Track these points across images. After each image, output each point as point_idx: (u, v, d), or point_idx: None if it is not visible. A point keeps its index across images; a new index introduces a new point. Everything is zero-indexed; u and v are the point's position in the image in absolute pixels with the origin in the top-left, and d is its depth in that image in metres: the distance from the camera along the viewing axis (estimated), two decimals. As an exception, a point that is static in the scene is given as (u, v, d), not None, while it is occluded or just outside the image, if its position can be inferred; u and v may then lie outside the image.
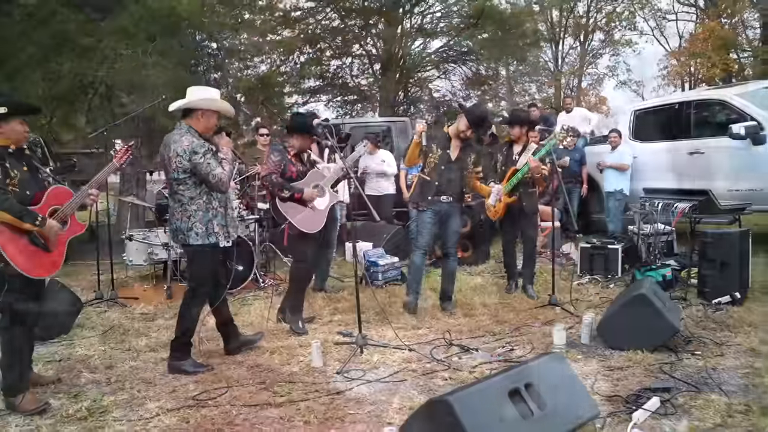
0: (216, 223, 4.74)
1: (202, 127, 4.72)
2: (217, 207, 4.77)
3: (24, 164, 4.11)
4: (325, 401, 4.05)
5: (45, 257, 4.03)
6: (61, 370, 4.85)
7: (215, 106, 4.78)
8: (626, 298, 4.93)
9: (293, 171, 5.78)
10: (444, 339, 5.26)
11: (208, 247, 4.72)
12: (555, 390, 3.26)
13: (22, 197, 3.98)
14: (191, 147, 4.56)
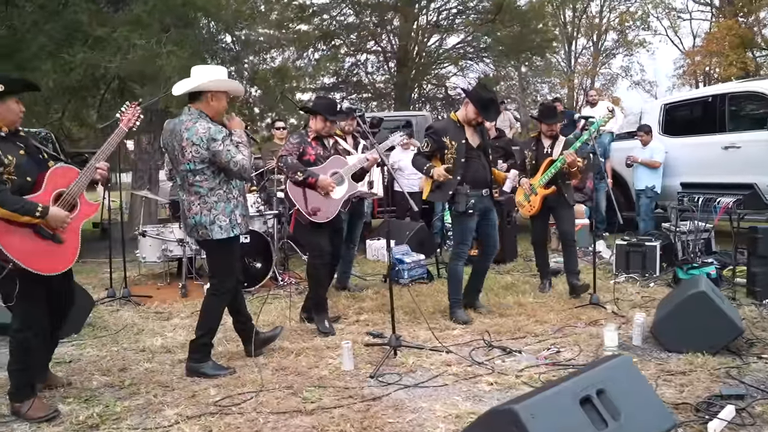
0: (238, 213, 4.36)
1: (214, 110, 4.31)
2: (237, 196, 4.39)
3: (21, 148, 3.65)
4: (361, 408, 3.67)
5: (57, 250, 3.63)
6: (71, 372, 4.50)
7: (225, 86, 4.37)
8: (683, 297, 4.51)
9: (311, 154, 5.43)
10: (483, 340, 4.87)
11: (234, 240, 4.36)
12: (628, 397, 2.87)
13: (22, 185, 3.57)
14: (209, 134, 4.14)
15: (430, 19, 19.74)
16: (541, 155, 6.55)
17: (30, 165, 3.65)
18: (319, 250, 5.41)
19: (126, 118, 4.16)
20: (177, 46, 8.95)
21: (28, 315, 3.70)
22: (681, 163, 9.57)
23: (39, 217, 3.50)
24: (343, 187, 5.51)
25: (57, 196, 3.66)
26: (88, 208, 3.86)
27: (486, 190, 5.63)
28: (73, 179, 3.73)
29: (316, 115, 5.51)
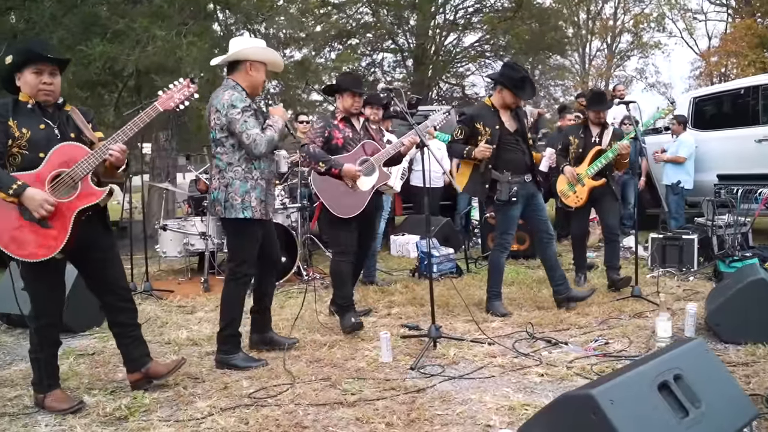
0: (254, 196, 4.09)
1: (250, 82, 4.12)
2: (258, 178, 4.12)
3: (47, 122, 3.40)
4: (406, 400, 3.44)
5: (40, 234, 3.29)
6: (95, 365, 4.31)
7: (263, 55, 4.17)
8: (741, 284, 4.26)
9: (339, 138, 5.00)
10: (526, 332, 4.63)
11: (246, 221, 4.10)
12: (706, 384, 2.62)
13: (32, 160, 3.30)
14: (230, 100, 3.97)
15: (448, 18, 19.52)
16: (589, 144, 6.25)
17: (47, 141, 3.37)
18: (344, 247, 5.02)
19: (168, 95, 3.70)
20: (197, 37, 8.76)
21: (36, 302, 3.48)
22: (713, 157, 9.29)
23: (12, 195, 3.18)
24: (373, 177, 5.03)
25: (55, 176, 3.34)
26: (90, 194, 3.41)
27: (528, 175, 5.35)
28: (79, 159, 3.37)
29: (342, 92, 5.05)
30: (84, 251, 3.51)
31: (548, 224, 5.51)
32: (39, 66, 3.34)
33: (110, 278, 3.67)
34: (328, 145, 4.97)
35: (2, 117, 3.27)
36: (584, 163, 6.20)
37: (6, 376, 4.09)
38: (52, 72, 3.39)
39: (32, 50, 3.38)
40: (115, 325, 3.75)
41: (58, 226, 3.32)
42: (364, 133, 5.19)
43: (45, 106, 3.42)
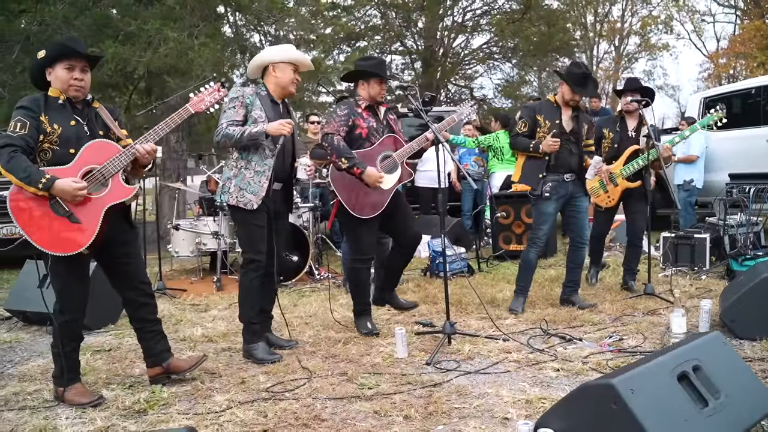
0: (234, 183, 4.16)
1: (275, 82, 4.21)
2: (242, 168, 4.15)
3: (77, 119, 3.44)
4: (423, 394, 3.46)
5: (70, 229, 3.33)
6: (112, 360, 4.34)
7: (285, 56, 4.22)
8: (755, 280, 4.26)
9: (363, 128, 4.68)
10: (540, 328, 4.65)
11: (235, 208, 4.19)
12: (724, 375, 2.64)
13: (62, 155, 3.35)
14: (232, 92, 4.13)
15: (456, 20, 19.53)
16: (626, 139, 5.92)
17: (78, 137, 3.41)
18: (363, 249, 4.79)
19: (200, 97, 3.79)
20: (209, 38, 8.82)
21: (62, 296, 3.50)
22: (724, 157, 9.28)
23: (43, 189, 3.22)
24: (395, 174, 4.77)
25: (86, 172, 3.38)
26: (121, 191, 3.46)
27: (570, 174, 5.28)
28: (110, 156, 3.43)
29: (368, 79, 4.69)
30: (109, 247, 3.55)
31: (583, 231, 5.46)
32: (71, 62, 3.39)
33: (132, 274, 3.70)
34: (350, 135, 4.69)
35: (34, 113, 3.31)
36: (619, 161, 5.88)
37: (25, 372, 4.12)
38: (83, 68, 3.44)
39: (66, 45, 3.42)
40: (137, 321, 3.79)
41: (87, 221, 3.36)
42: (386, 124, 4.90)
43: (74, 103, 3.46)
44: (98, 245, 3.44)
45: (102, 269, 3.79)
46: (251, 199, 4.11)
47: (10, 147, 3.23)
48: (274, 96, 4.26)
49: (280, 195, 4.34)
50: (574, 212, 5.41)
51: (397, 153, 4.80)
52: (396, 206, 4.84)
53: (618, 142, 5.91)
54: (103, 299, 4.94)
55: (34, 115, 3.32)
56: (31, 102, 3.37)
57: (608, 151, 5.92)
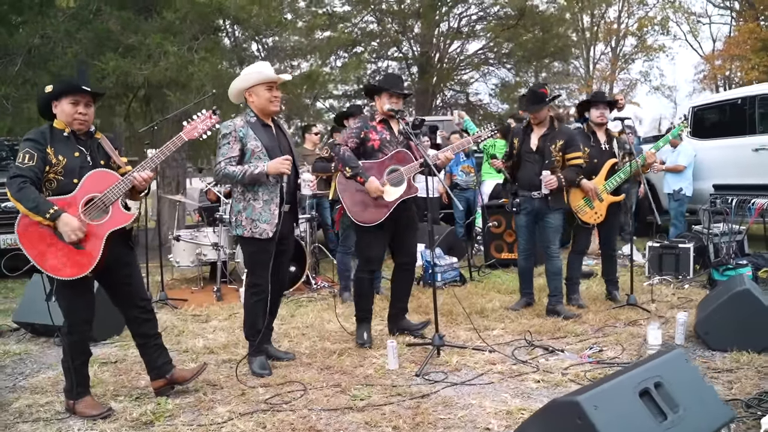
0: (245, 216, 4.36)
1: (255, 106, 4.39)
2: (250, 200, 4.36)
3: (81, 150, 3.67)
4: (411, 405, 3.70)
5: (74, 255, 3.56)
6: (118, 372, 4.57)
7: (248, 81, 4.36)
8: (727, 295, 4.51)
9: (375, 140, 4.93)
10: (525, 340, 4.89)
11: (246, 238, 4.41)
12: (684, 390, 2.87)
13: (66, 185, 3.59)
14: (224, 128, 4.30)
15: (452, 26, 19.78)
16: (601, 153, 6.06)
17: (81, 168, 3.65)
18: (367, 259, 5.05)
19: (193, 125, 3.99)
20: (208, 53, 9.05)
21: (69, 315, 3.74)
22: (711, 166, 9.53)
23: (49, 220, 3.45)
24: (400, 188, 4.94)
25: (87, 200, 3.62)
26: (120, 218, 3.70)
27: (537, 192, 5.60)
28: (110, 185, 3.65)
29: (380, 93, 4.98)
30: (110, 269, 3.77)
31: (550, 244, 5.73)
32: (76, 97, 3.63)
33: (133, 293, 3.94)
34: (363, 147, 4.96)
35: (41, 145, 3.55)
36: (600, 176, 6.00)
37: (36, 384, 4.35)
38: (87, 103, 3.68)
39: (71, 82, 3.66)
40: (139, 336, 4.02)
41: (90, 247, 3.59)
42: (402, 137, 5.09)
43: (78, 134, 3.70)
44: (100, 268, 3.68)
45: (104, 289, 4.02)
46: (265, 228, 4.31)
47: (19, 178, 3.46)
48: (262, 119, 4.42)
49: (289, 217, 4.53)
50: (543, 227, 5.73)
51: (404, 168, 4.97)
52: (404, 224, 5.09)
53: (597, 157, 6.05)
54: (107, 312, 5.11)
55: (40, 148, 3.56)
56: (38, 135, 3.61)
57: (587, 166, 5.95)
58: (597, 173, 6.01)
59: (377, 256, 5.10)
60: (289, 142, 4.56)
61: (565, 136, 5.71)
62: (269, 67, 4.47)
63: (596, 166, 6.02)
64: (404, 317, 5.36)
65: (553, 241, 5.73)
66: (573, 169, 5.69)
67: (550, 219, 5.67)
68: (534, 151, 5.67)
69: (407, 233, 5.17)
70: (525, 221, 5.78)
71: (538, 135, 5.70)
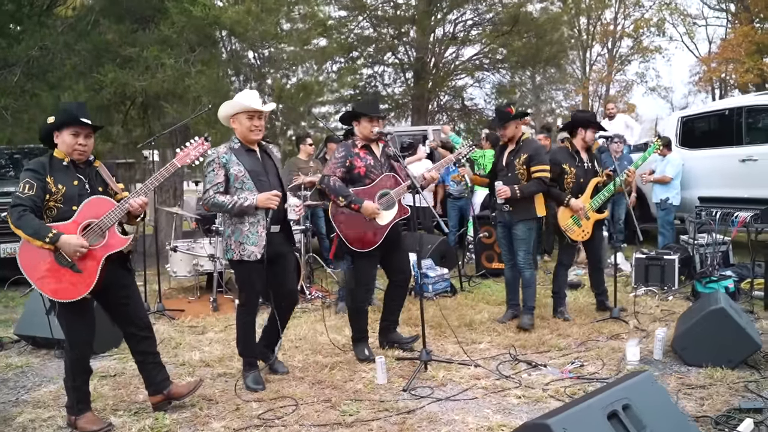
0: (233, 239, 4.55)
1: (238, 133, 4.58)
2: (236, 223, 4.53)
3: (79, 178, 3.87)
4: (397, 421, 3.88)
5: (72, 278, 3.74)
6: (117, 386, 4.75)
7: (238, 107, 4.52)
8: (702, 313, 4.69)
9: (360, 167, 5.06)
10: (509, 354, 5.07)
11: (235, 262, 4.60)
12: (651, 411, 3.06)
13: (65, 212, 3.78)
14: (207, 157, 4.46)
15: (447, 31, 19.93)
16: (586, 173, 6.25)
17: (80, 195, 3.83)
18: (363, 281, 5.24)
19: (185, 152, 4.20)
20: (205, 65, 9.22)
21: (70, 335, 3.92)
22: (699, 175, 9.74)
23: (49, 243, 3.63)
24: (392, 211, 5.11)
25: (85, 226, 3.79)
26: (117, 241, 3.88)
27: (506, 205, 5.87)
28: (106, 211, 3.83)
29: (359, 118, 5.11)
30: (108, 290, 3.96)
31: (516, 256, 6.00)
32: (77, 128, 3.82)
33: (131, 312, 4.13)
34: (350, 174, 5.07)
35: (41, 175, 3.74)
36: (585, 195, 6.18)
37: (38, 398, 4.52)
38: (87, 134, 3.87)
39: (73, 115, 3.84)
40: (138, 353, 4.20)
41: (87, 269, 3.77)
42: (384, 160, 5.23)
43: (78, 163, 3.88)
44: (98, 290, 3.86)
45: (103, 309, 4.19)
46: (253, 250, 4.48)
47: (20, 207, 3.67)
48: (246, 144, 4.59)
49: (280, 236, 4.68)
50: (512, 239, 6.02)
51: (394, 191, 5.13)
52: (394, 244, 5.23)
53: (582, 176, 6.23)
54: (105, 325, 5.28)
55: (40, 177, 3.76)
56: (38, 165, 3.80)
57: (573, 186, 6.17)
58: (583, 192, 6.20)
59: (372, 277, 5.36)
60: (275, 166, 4.72)
61: (530, 150, 5.93)
62: (255, 97, 4.60)
63: (582, 186, 6.21)
64: (395, 330, 5.52)
65: (518, 252, 5.97)
66: (535, 182, 5.86)
67: (516, 230, 5.94)
68: (504, 167, 5.99)
69: (397, 251, 5.33)
70: (501, 233, 6.15)
71: (508, 151, 6.01)
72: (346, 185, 5.04)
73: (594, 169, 6.30)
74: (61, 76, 9.87)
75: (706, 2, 32.54)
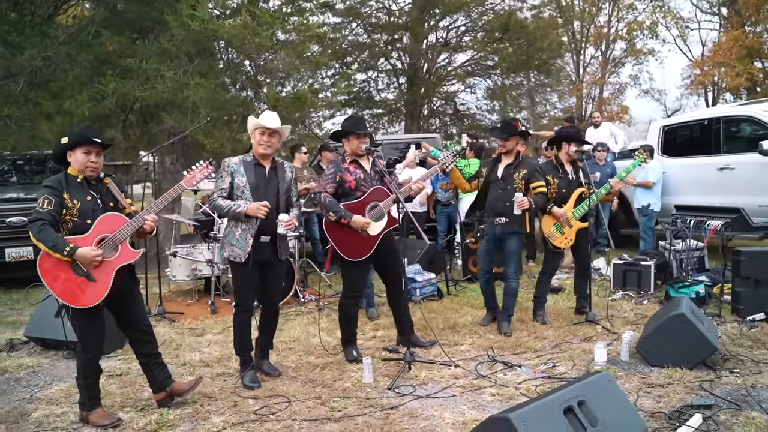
0: (227, 240, 4.96)
1: (254, 147, 4.99)
2: (233, 226, 4.94)
3: (92, 194, 4.24)
4: (381, 416, 4.26)
5: (87, 287, 4.11)
6: (123, 385, 5.11)
7: (252, 125, 4.99)
8: (665, 317, 5.08)
9: (351, 181, 5.44)
10: (487, 355, 5.45)
11: (233, 263, 4.97)
12: (605, 407, 3.44)
13: (80, 225, 4.14)
14: (222, 163, 4.97)
15: (440, 38, 20.35)
16: (569, 184, 6.60)
17: (94, 210, 4.22)
18: (353, 288, 5.58)
19: (192, 175, 4.65)
20: (203, 77, 9.59)
21: (83, 338, 4.29)
22: (678, 183, 10.14)
23: (67, 256, 4.02)
24: (382, 222, 5.48)
25: (100, 240, 4.18)
26: (128, 254, 4.26)
27: (500, 218, 6.14)
28: (119, 226, 4.23)
29: (347, 136, 5.52)
30: (117, 298, 4.33)
31: (508, 268, 6.32)
32: (89, 147, 4.20)
33: (137, 318, 4.54)
34: (342, 189, 5.45)
35: (58, 191, 4.12)
36: (569, 204, 6.52)
37: (51, 396, 4.89)
38: (98, 153, 4.26)
39: (84, 136, 4.22)
40: (142, 356, 4.59)
41: (101, 279, 4.16)
42: (374, 173, 5.58)
43: (90, 180, 4.26)
44: (110, 298, 4.24)
45: (110, 312, 4.55)
46: (239, 253, 4.88)
47: (40, 221, 4.04)
48: (258, 159, 5.00)
49: (270, 246, 5.05)
50: (503, 251, 6.30)
51: (383, 203, 5.50)
52: (387, 251, 5.58)
53: (565, 187, 6.61)
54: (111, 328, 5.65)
55: (57, 193, 4.14)
56: (55, 182, 4.18)
57: (556, 196, 6.54)
58: (566, 202, 6.57)
59: (362, 284, 5.74)
60: (278, 183, 5.04)
61: (529, 166, 6.30)
62: (270, 117, 4.99)
63: (565, 196, 6.58)
64: (413, 332, 5.89)
65: (510, 264, 6.31)
66: (539, 196, 6.26)
67: (509, 243, 6.23)
68: (500, 179, 6.24)
69: (389, 259, 5.66)
70: (486, 247, 6.36)
71: (505, 165, 6.27)
72: (338, 199, 5.42)
73: (578, 180, 6.65)
74: (63, 86, 10.24)
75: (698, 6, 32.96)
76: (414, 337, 5.85)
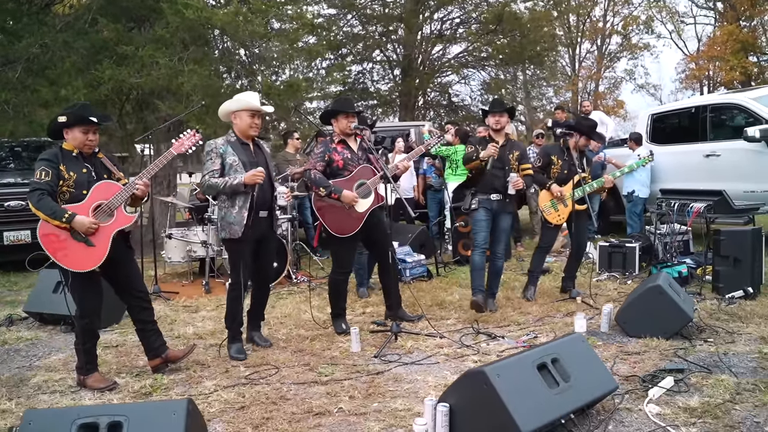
0: (224, 219, 5.08)
1: (237, 128, 5.11)
2: (229, 206, 5.04)
3: (87, 166, 4.42)
4: (366, 380, 4.44)
5: (86, 251, 4.29)
6: (119, 355, 5.29)
7: (235, 106, 5.09)
8: (642, 289, 5.27)
9: (339, 160, 5.60)
10: (472, 327, 5.63)
11: (226, 240, 5.14)
12: (577, 365, 3.62)
13: (77, 196, 4.33)
14: (206, 147, 5.05)
15: (434, 29, 20.50)
16: (574, 167, 6.78)
17: (89, 181, 4.40)
18: (342, 264, 5.75)
19: (180, 142, 4.81)
20: (197, 64, 9.74)
21: (81, 303, 4.47)
22: (666, 169, 10.32)
23: (65, 223, 4.20)
24: (369, 199, 5.65)
25: (96, 207, 4.37)
26: (123, 219, 4.45)
27: (496, 195, 6.21)
28: (114, 193, 4.42)
29: (336, 116, 5.67)
30: (113, 264, 4.50)
31: (498, 245, 6.42)
32: (87, 126, 4.37)
33: (133, 285, 4.71)
34: (330, 168, 5.60)
35: (55, 163, 4.30)
36: (569, 185, 6.71)
37: (49, 364, 5.07)
38: (95, 131, 4.43)
39: (83, 115, 4.39)
40: (139, 322, 4.76)
41: (99, 244, 4.34)
42: (362, 153, 5.77)
43: (85, 154, 4.43)
44: (107, 263, 4.40)
45: (108, 282, 4.72)
46: (236, 229, 5.01)
47: (38, 191, 4.23)
48: (242, 138, 5.14)
49: (266, 221, 5.23)
50: (495, 229, 6.36)
51: (370, 181, 5.68)
52: (375, 226, 5.75)
53: (567, 170, 6.81)
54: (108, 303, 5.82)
55: (54, 166, 4.32)
56: (52, 155, 4.36)
57: (557, 175, 6.80)
58: (567, 183, 6.78)
59: (350, 260, 5.91)
60: (266, 158, 5.25)
61: (521, 149, 6.51)
62: (256, 98, 5.15)
63: (567, 177, 6.79)
64: (400, 307, 6.07)
65: (500, 242, 6.45)
66: (528, 178, 6.44)
67: (503, 222, 6.36)
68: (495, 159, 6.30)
69: (378, 234, 5.83)
70: (485, 215, 6.26)
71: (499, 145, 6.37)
72: (327, 178, 5.57)
73: (582, 166, 6.88)
74: (60, 73, 10.39)
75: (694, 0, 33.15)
76: (401, 312, 6.02)
